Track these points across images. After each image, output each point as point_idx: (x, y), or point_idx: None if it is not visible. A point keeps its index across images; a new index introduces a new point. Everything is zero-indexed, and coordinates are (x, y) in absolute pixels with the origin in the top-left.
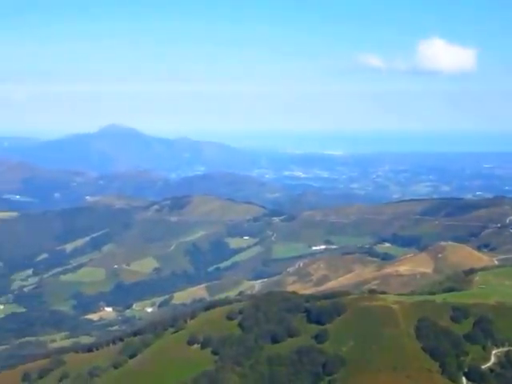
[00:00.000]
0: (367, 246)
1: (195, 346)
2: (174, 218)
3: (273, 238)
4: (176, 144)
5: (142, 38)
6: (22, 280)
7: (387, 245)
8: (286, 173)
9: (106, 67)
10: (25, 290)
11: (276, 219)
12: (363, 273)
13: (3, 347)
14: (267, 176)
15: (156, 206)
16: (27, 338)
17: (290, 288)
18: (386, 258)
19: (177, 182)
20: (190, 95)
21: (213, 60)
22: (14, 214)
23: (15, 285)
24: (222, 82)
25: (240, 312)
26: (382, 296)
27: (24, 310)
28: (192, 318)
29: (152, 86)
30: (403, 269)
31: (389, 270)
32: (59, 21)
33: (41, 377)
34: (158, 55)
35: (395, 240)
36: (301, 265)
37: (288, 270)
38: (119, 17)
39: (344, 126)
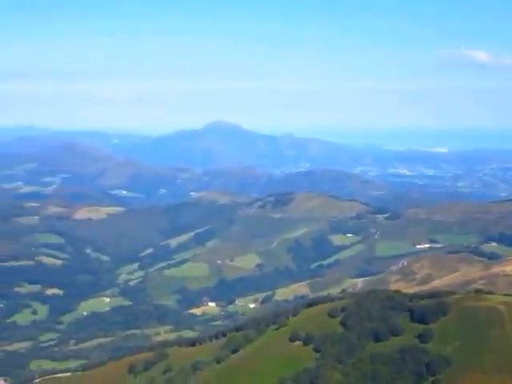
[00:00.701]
0: (473, 246)
1: (297, 342)
2: (276, 215)
3: (376, 236)
4: (280, 141)
5: (244, 37)
6: (128, 274)
7: (494, 244)
8: (391, 170)
9: (211, 64)
10: (130, 283)
11: (380, 217)
12: (469, 272)
13: (110, 339)
14: (371, 173)
15: (259, 203)
16: (132, 331)
17: (393, 286)
18: (493, 257)
19: (280, 178)
20: (294, 92)
21: (321, 58)
22: (121, 209)
23: (121, 278)
24: (325, 79)
25: (342, 310)
26: (487, 296)
27: (130, 303)
28: (294, 314)
29: (257, 83)
30: (510, 269)
31: (495, 269)
32: (162, 16)
33: (146, 369)
34: (260, 53)
35: (502, 239)
36: (404, 263)
37: (391, 268)
38: (224, 14)
39: (448, 122)
